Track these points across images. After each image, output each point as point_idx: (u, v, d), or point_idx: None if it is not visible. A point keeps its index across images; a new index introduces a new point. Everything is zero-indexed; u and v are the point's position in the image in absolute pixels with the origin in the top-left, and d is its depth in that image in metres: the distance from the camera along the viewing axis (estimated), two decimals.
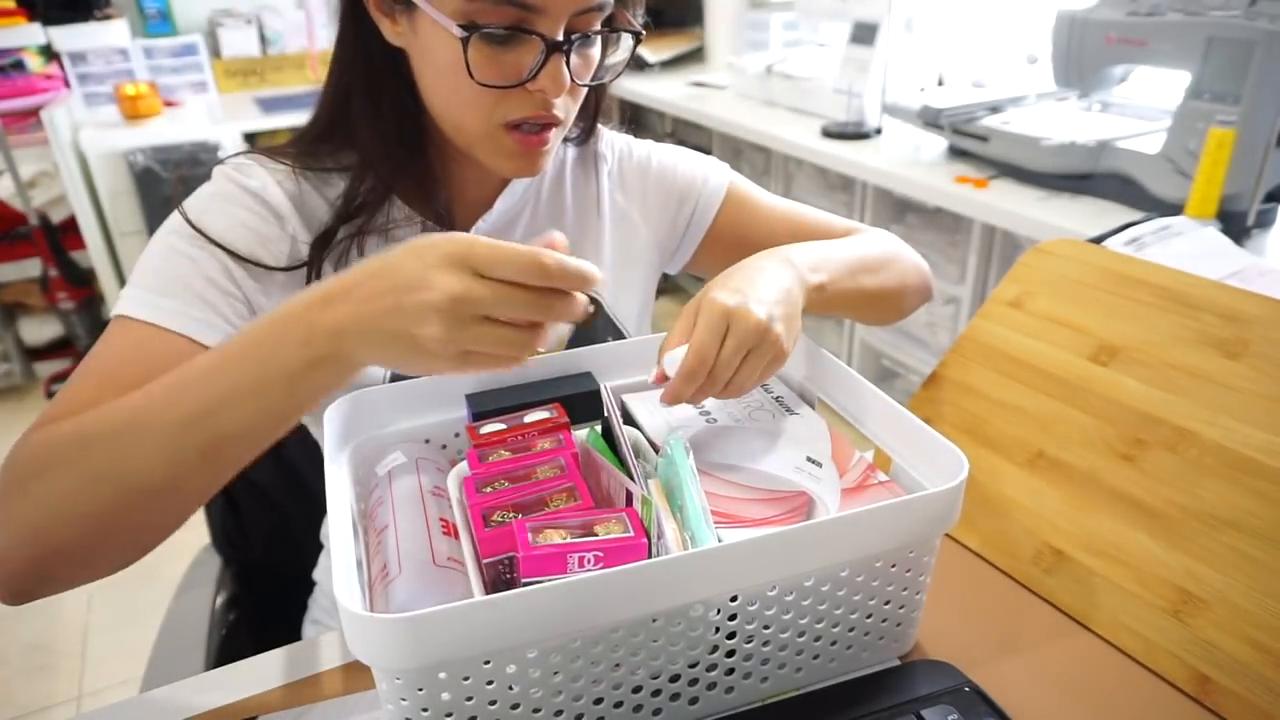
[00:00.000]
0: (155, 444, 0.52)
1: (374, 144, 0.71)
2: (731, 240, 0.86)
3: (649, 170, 0.86)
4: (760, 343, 0.60)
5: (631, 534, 0.50)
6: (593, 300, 0.82)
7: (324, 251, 0.71)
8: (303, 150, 0.73)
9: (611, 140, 0.87)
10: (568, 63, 0.64)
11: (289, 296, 0.70)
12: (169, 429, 0.52)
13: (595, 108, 0.81)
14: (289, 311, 0.52)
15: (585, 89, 0.70)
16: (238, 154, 0.73)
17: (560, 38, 0.63)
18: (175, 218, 0.68)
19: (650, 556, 0.49)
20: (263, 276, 0.69)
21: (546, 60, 0.63)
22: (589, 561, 0.48)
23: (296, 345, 0.51)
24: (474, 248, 0.47)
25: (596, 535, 0.50)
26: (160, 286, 0.65)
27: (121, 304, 0.64)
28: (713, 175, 0.87)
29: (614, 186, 0.85)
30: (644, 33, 0.70)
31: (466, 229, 0.77)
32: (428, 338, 0.48)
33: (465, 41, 0.61)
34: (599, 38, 0.67)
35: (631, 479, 0.55)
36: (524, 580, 0.47)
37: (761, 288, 0.63)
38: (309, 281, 0.71)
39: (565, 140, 0.84)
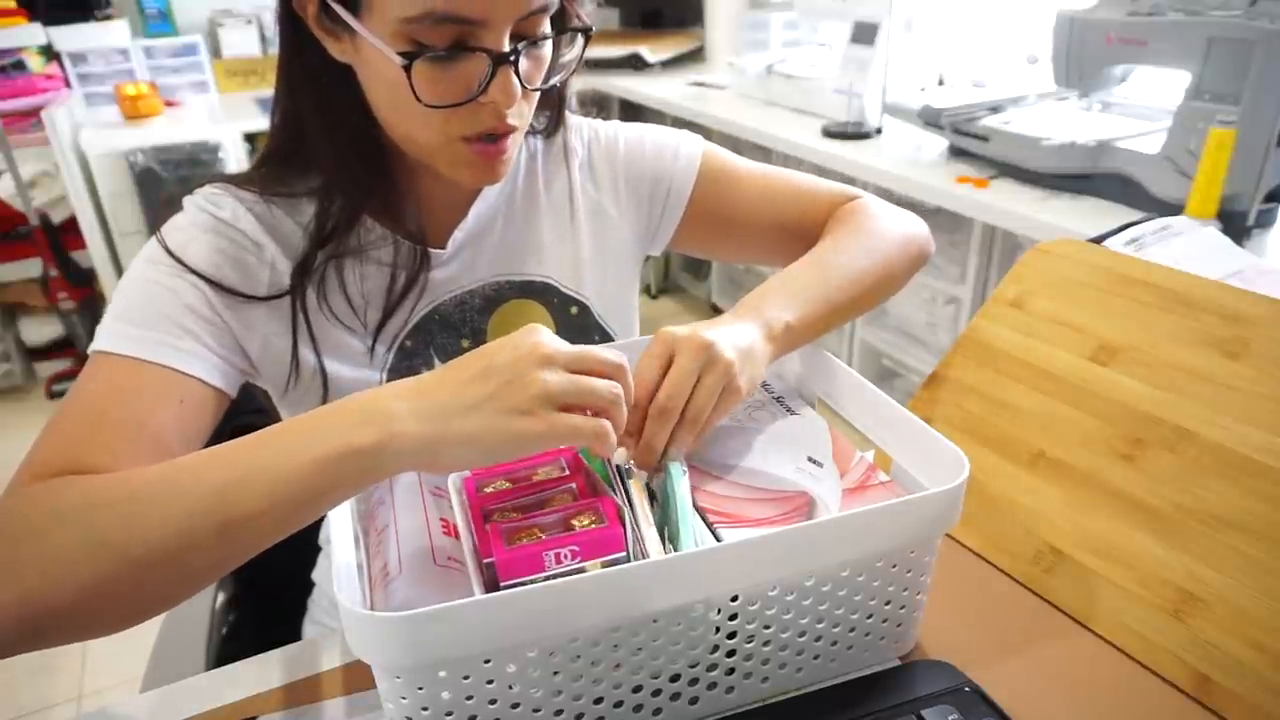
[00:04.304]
0: (170, 513, 0.48)
1: (334, 165, 0.69)
2: (712, 213, 0.84)
3: (617, 153, 0.84)
4: (710, 363, 0.58)
5: (606, 524, 0.50)
6: (577, 301, 0.81)
7: (305, 278, 0.70)
8: (268, 176, 0.72)
9: (580, 129, 0.84)
10: (516, 72, 0.62)
11: (271, 326, 0.70)
12: (188, 499, 0.49)
13: (559, 99, 0.80)
14: (343, 401, 0.50)
15: (539, 90, 0.68)
16: (205, 184, 0.71)
17: (506, 48, 0.61)
18: (151, 248, 0.67)
19: (627, 545, 0.49)
20: (243, 306, 0.68)
21: (494, 73, 0.61)
22: (566, 557, 0.48)
23: (344, 428, 0.48)
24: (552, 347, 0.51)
25: (573, 529, 0.50)
26: (140, 319, 0.63)
27: (100, 340, 0.62)
28: (684, 147, 0.84)
29: (585, 178, 0.83)
30: (593, 28, 0.68)
31: (442, 240, 0.76)
32: (522, 395, 0.48)
33: (407, 69, 0.59)
34: (548, 39, 0.65)
35: (612, 487, 0.55)
36: (503, 584, 0.47)
37: (716, 325, 0.62)
38: (294, 310, 0.70)
39: (533, 134, 0.82)
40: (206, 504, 0.48)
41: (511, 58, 0.61)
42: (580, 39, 0.69)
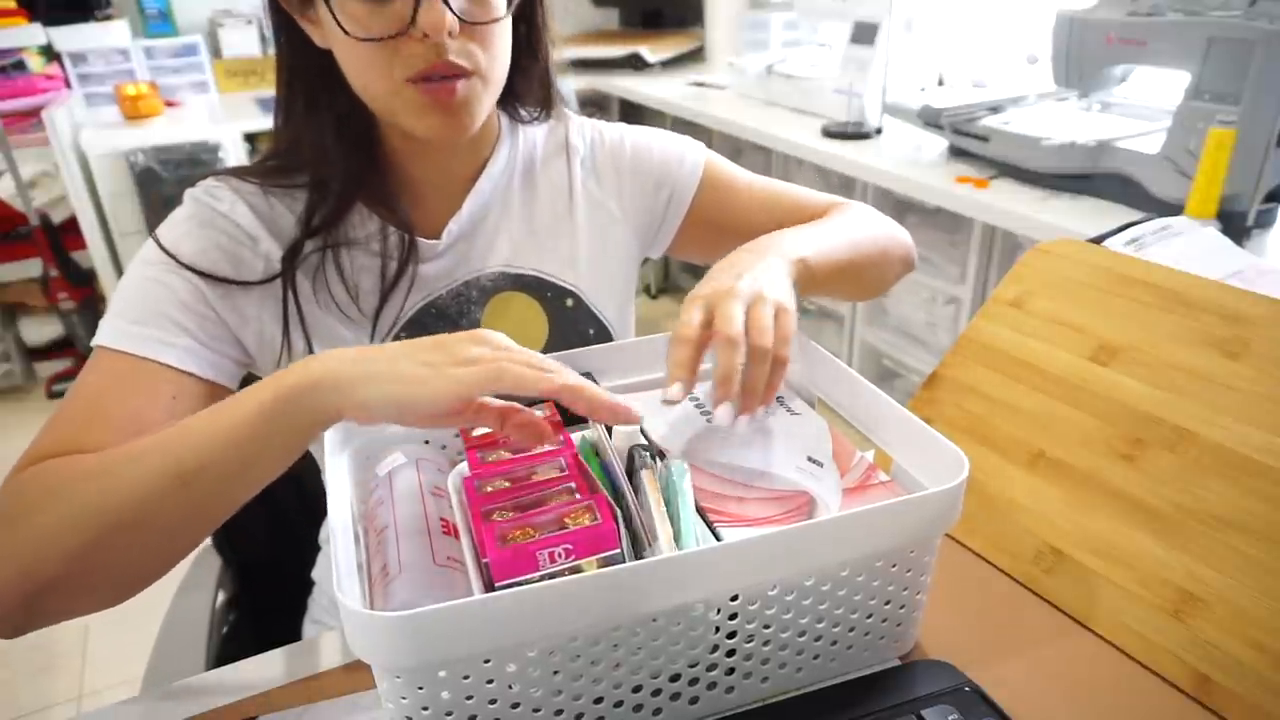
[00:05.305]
0: (136, 474, 0.52)
1: (323, 156, 0.71)
2: (711, 221, 0.85)
3: (623, 155, 0.85)
4: (752, 297, 0.59)
5: (599, 522, 0.50)
6: (573, 295, 0.81)
7: (294, 263, 0.71)
8: (271, 168, 0.73)
9: (582, 127, 0.85)
10: (446, 2, 0.62)
11: (265, 314, 0.71)
12: (151, 458, 0.53)
13: (546, 84, 0.80)
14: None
15: (494, 35, 0.67)
16: (207, 177, 0.73)
17: None
18: (149, 245, 0.69)
19: (619, 542, 0.49)
20: (237, 295, 0.69)
21: (419, 2, 0.62)
22: (560, 555, 0.48)
23: (284, 375, 0.51)
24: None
25: (566, 527, 0.50)
26: (136, 315, 0.65)
27: (100, 335, 0.65)
28: (689, 155, 0.86)
29: (587, 175, 0.84)
30: None
31: (436, 232, 0.76)
32: (443, 355, 0.50)
33: (329, 3, 0.61)
34: None
35: (616, 491, 0.55)
36: (498, 584, 0.47)
37: (736, 268, 0.63)
38: (285, 295, 0.71)
39: (528, 123, 0.82)
40: (166, 460, 0.52)
41: None
42: None
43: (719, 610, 0.50)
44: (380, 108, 0.68)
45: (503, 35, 0.69)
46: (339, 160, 0.71)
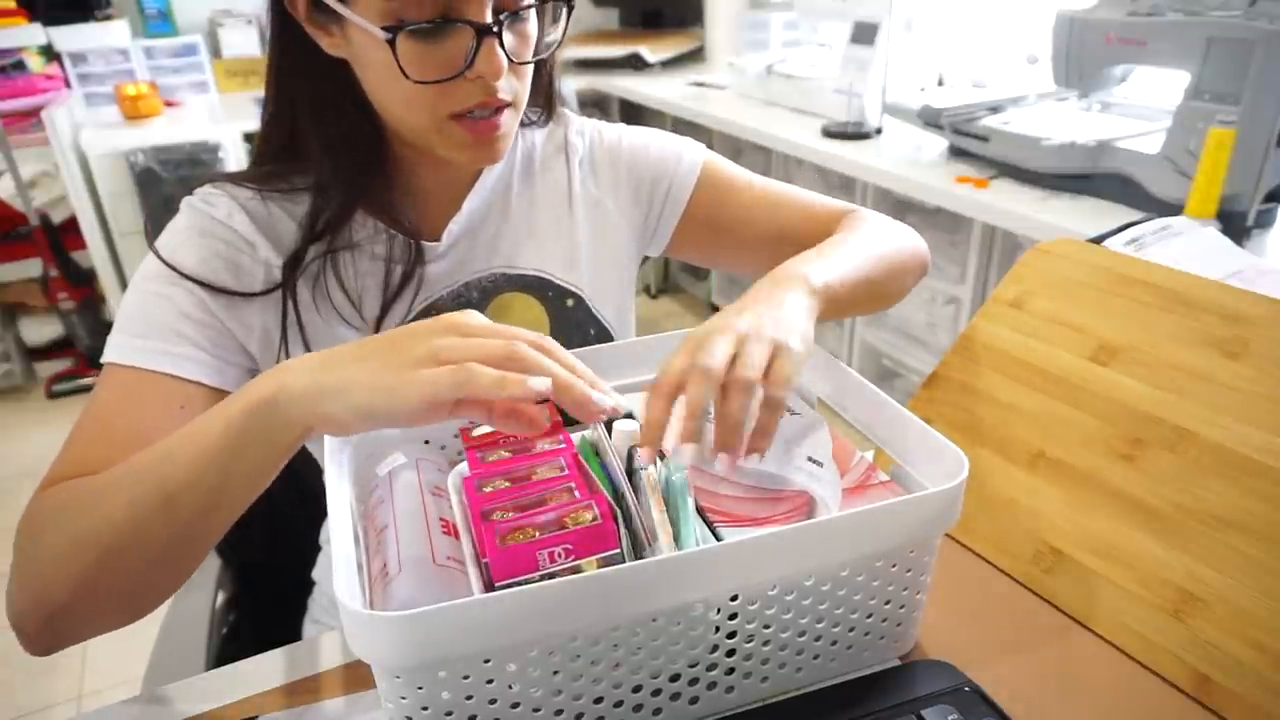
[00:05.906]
0: (122, 497, 0.53)
1: (327, 162, 0.70)
2: (710, 221, 0.85)
3: (620, 153, 0.85)
4: (747, 333, 0.55)
5: (599, 521, 0.50)
6: (573, 294, 0.81)
7: (295, 272, 0.71)
8: (267, 172, 0.72)
9: (581, 128, 0.86)
10: (501, 43, 0.63)
11: (268, 322, 0.71)
12: (135, 481, 0.53)
13: (548, 88, 0.81)
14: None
15: (530, 67, 0.69)
16: (204, 184, 0.72)
17: (489, 19, 0.62)
18: (149, 259, 0.69)
19: (619, 542, 0.49)
20: (239, 305, 0.69)
21: (479, 46, 0.62)
22: (560, 555, 0.48)
23: (248, 389, 0.51)
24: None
25: (566, 527, 0.50)
26: (140, 329, 0.65)
27: (107, 352, 0.65)
28: (686, 154, 0.85)
29: (586, 175, 0.84)
30: (574, 2, 0.69)
31: (436, 234, 0.76)
32: (406, 355, 0.48)
33: (392, 43, 0.60)
34: (532, 12, 0.66)
35: (616, 491, 0.55)
36: (497, 583, 0.47)
37: (744, 304, 0.59)
38: (285, 303, 0.71)
39: (528, 125, 0.83)
40: (148, 482, 0.52)
41: (495, 29, 0.62)
42: (564, 13, 0.70)
43: (719, 610, 0.50)
44: (415, 136, 0.68)
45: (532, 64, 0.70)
46: (345, 168, 0.70)
